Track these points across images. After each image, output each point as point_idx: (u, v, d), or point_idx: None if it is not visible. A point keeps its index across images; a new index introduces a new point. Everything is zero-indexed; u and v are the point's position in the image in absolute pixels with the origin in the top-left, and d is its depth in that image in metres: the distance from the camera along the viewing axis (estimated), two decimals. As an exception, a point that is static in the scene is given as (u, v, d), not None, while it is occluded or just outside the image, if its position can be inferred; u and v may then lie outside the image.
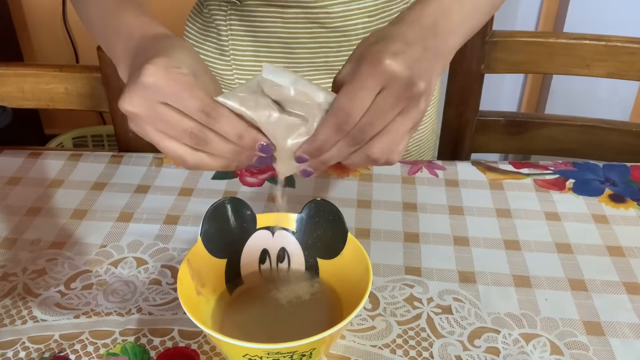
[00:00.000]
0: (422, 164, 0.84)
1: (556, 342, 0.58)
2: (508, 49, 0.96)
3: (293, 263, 0.61)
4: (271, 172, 0.82)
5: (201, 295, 0.56)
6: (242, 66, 0.86)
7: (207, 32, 0.87)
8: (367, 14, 0.82)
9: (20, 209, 0.75)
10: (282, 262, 0.61)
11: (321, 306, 0.57)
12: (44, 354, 0.57)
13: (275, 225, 0.60)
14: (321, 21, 0.81)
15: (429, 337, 0.58)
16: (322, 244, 0.59)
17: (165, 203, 0.76)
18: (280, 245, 0.61)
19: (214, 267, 0.58)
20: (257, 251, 0.61)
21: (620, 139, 0.99)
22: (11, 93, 0.93)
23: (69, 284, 0.64)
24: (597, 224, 0.74)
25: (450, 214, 0.75)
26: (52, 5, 2.07)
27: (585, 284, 0.65)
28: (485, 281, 0.65)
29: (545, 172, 0.82)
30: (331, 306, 0.57)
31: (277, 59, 0.84)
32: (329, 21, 0.81)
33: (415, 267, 0.67)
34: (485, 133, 1.03)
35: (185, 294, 0.53)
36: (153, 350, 0.57)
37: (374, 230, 0.72)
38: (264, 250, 0.61)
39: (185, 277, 0.54)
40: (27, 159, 0.85)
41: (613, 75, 0.96)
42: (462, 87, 1.00)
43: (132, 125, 0.46)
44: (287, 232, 0.60)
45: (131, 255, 0.68)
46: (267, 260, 0.61)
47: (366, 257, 0.55)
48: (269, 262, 0.61)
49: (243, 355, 0.49)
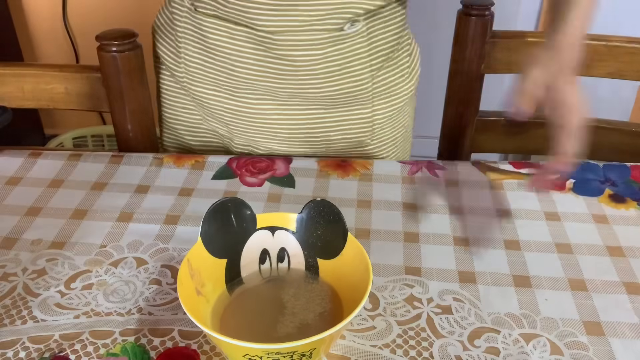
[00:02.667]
0: (422, 164, 0.84)
1: (556, 342, 0.58)
2: (508, 49, 0.96)
3: (293, 263, 0.61)
4: (271, 172, 0.82)
5: (201, 295, 0.56)
6: (191, 71, 0.87)
7: (170, 26, 0.88)
8: (315, 46, 0.78)
9: (20, 209, 0.75)
10: (282, 262, 0.61)
11: (321, 306, 0.57)
12: (44, 354, 0.57)
13: (275, 225, 0.60)
14: (267, 46, 0.79)
15: (429, 337, 0.58)
16: (322, 244, 0.59)
17: (165, 203, 0.76)
18: (280, 245, 0.61)
19: (214, 267, 0.58)
20: (257, 251, 0.61)
21: (620, 139, 1.00)
22: (11, 93, 0.93)
23: (69, 284, 0.64)
24: (597, 224, 0.74)
25: (450, 214, 0.75)
26: (52, 5, 2.07)
27: (585, 284, 0.65)
28: (485, 281, 0.65)
29: (545, 172, 0.82)
30: (331, 306, 0.57)
31: (221, 73, 0.84)
32: (275, 47, 0.78)
33: (415, 267, 0.67)
34: (485, 133, 1.03)
35: (186, 294, 0.53)
36: (153, 350, 0.57)
37: (374, 230, 0.72)
38: (264, 250, 0.61)
39: (185, 277, 0.54)
40: (27, 159, 0.85)
41: (613, 75, 0.96)
42: (462, 87, 1.00)
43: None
44: (287, 232, 0.60)
45: (131, 255, 0.68)
46: (267, 260, 0.61)
47: (366, 257, 0.55)
48: (269, 262, 0.61)
49: (243, 355, 0.49)
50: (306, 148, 0.89)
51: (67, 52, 2.15)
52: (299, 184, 0.80)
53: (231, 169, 0.82)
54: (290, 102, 0.84)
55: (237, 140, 0.90)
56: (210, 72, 0.85)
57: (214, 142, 0.94)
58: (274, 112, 0.85)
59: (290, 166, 0.83)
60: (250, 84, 0.83)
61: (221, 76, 0.84)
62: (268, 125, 0.87)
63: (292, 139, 0.88)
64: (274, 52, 0.79)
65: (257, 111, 0.86)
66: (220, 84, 0.85)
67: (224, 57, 0.82)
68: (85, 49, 2.16)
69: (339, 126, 0.88)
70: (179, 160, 0.84)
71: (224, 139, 0.92)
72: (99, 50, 0.89)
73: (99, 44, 0.89)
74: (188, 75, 0.87)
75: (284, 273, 0.61)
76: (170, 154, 0.87)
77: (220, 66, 0.83)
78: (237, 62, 0.81)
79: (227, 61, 0.82)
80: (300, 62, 0.79)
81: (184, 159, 0.85)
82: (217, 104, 0.87)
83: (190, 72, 0.87)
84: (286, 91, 0.82)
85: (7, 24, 2.05)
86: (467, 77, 0.99)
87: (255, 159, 0.84)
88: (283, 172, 0.82)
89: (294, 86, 0.81)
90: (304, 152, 0.90)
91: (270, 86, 0.82)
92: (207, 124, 0.91)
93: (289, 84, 0.81)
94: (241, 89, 0.84)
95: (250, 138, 0.89)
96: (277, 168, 0.83)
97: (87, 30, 2.07)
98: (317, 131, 0.88)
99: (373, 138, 0.90)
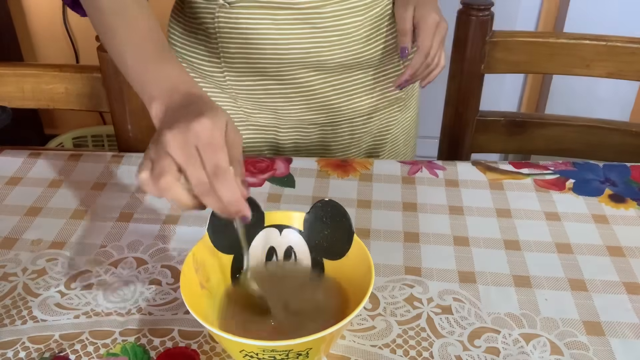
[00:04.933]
0: (422, 164, 0.84)
1: (556, 342, 0.58)
2: (508, 49, 0.96)
3: (299, 262, 0.61)
4: (272, 172, 0.82)
5: (205, 289, 0.56)
6: (234, 68, 0.86)
7: (194, 34, 0.87)
8: (358, 12, 0.83)
9: (20, 209, 0.75)
10: (289, 260, 0.61)
11: (325, 306, 0.57)
12: (44, 354, 0.56)
13: (283, 224, 0.61)
14: (313, 22, 0.81)
15: (429, 337, 0.58)
16: (329, 245, 0.60)
17: (165, 203, 0.76)
18: (288, 243, 0.61)
19: (220, 262, 0.59)
20: (264, 248, 0.61)
21: (620, 139, 1.00)
22: (11, 93, 0.93)
23: (69, 284, 0.64)
24: (597, 224, 0.73)
25: (450, 214, 0.75)
26: (52, 5, 2.07)
27: (585, 284, 0.65)
28: (485, 281, 0.65)
29: (545, 172, 0.82)
30: (335, 307, 0.57)
31: (269, 60, 0.84)
32: (321, 21, 0.81)
33: (415, 267, 0.67)
34: (485, 133, 1.03)
35: (188, 287, 0.53)
36: (153, 350, 0.57)
37: (374, 230, 0.72)
38: (271, 247, 0.61)
39: (189, 270, 0.55)
40: (27, 159, 0.85)
41: (613, 75, 0.96)
42: (462, 87, 1.00)
43: (154, 148, 0.52)
44: (294, 230, 0.61)
45: (131, 255, 0.68)
46: (273, 258, 0.61)
47: (369, 258, 0.55)
48: (275, 259, 0.61)
49: (240, 351, 0.49)
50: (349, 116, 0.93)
51: (67, 52, 2.15)
52: (299, 184, 0.80)
53: (231, 169, 0.82)
54: (337, 71, 0.87)
55: (284, 126, 0.92)
56: (256, 64, 0.85)
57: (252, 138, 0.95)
58: (322, 84, 0.88)
59: (291, 166, 0.83)
60: (299, 64, 0.85)
61: (268, 64, 0.85)
62: (316, 99, 0.89)
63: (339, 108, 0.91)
64: (321, 27, 0.82)
65: (306, 88, 0.88)
66: (267, 72, 0.86)
67: (271, 44, 0.83)
68: (85, 49, 2.16)
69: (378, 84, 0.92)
70: (179, 160, 0.84)
71: (268, 131, 0.93)
72: (99, 50, 0.89)
73: (99, 44, 0.89)
74: (230, 74, 0.87)
75: (290, 271, 0.61)
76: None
77: (267, 54, 0.84)
78: (285, 46, 0.83)
79: (274, 47, 0.83)
80: (347, 29, 0.83)
81: (184, 159, 0.85)
82: (264, 94, 0.88)
83: (234, 69, 0.87)
84: (335, 61, 0.86)
85: (7, 24, 2.05)
86: (467, 77, 0.99)
87: (255, 159, 0.84)
88: (283, 172, 0.82)
89: (342, 54, 0.85)
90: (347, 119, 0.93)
91: (319, 60, 0.85)
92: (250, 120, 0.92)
93: (337, 53, 0.85)
94: (289, 71, 0.86)
95: (298, 118, 0.91)
96: (277, 168, 0.83)
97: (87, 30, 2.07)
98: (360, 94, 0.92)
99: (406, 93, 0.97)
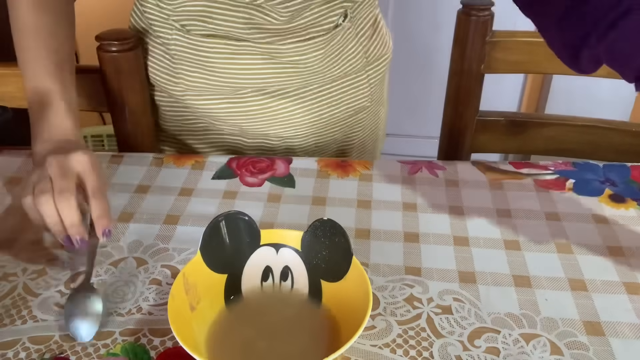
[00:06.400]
0: (422, 164, 0.84)
1: (556, 342, 0.58)
2: (508, 49, 0.96)
3: (296, 283, 0.59)
4: (271, 172, 0.82)
5: (195, 310, 0.54)
6: (192, 87, 0.87)
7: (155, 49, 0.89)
8: (318, 46, 0.83)
9: (20, 209, 0.75)
10: (286, 280, 0.59)
11: (320, 330, 0.55)
12: (44, 354, 0.56)
13: (279, 243, 0.58)
14: (272, 54, 0.81)
15: (429, 337, 0.58)
16: (327, 266, 0.57)
17: (165, 203, 0.76)
18: (284, 263, 0.59)
19: (213, 282, 0.57)
20: (259, 268, 0.59)
21: (620, 139, 0.99)
22: (11, 93, 0.93)
23: (69, 284, 0.64)
24: (597, 224, 0.73)
25: (450, 214, 0.75)
26: (52, 5, 2.07)
27: (585, 284, 0.65)
28: (485, 281, 0.65)
29: (545, 172, 0.82)
30: (330, 331, 0.55)
31: (227, 87, 0.85)
32: (281, 55, 0.82)
33: (415, 267, 0.67)
34: (485, 133, 1.03)
35: (176, 309, 0.51)
36: (153, 350, 0.57)
37: (374, 230, 0.72)
38: (267, 267, 0.59)
39: (179, 291, 0.53)
40: (27, 159, 0.85)
41: (613, 75, 0.96)
42: (462, 87, 1.00)
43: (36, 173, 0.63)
44: (291, 249, 0.58)
45: (131, 256, 0.68)
46: (269, 278, 0.59)
47: (367, 282, 0.53)
48: (271, 279, 0.59)
49: None
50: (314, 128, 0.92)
51: (67, 52, 2.15)
52: (299, 184, 0.80)
53: (231, 169, 0.82)
54: (297, 93, 0.87)
55: (249, 137, 0.92)
56: (215, 88, 0.86)
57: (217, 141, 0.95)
58: (284, 105, 0.88)
59: (290, 166, 0.83)
60: (258, 91, 0.85)
61: (227, 90, 0.85)
62: (279, 117, 0.89)
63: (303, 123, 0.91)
64: (281, 60, 0.82)
65: (268, 109, 0.88)
66: (227, 96, 0.87)
67: (229, 74, 0.83)
68: (85, 49, 2.16)
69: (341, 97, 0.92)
70: (179, 160, 0.84)
71: (234, 138, 0.93)
72: (99, 50, 0.89)
73: (99, 44, 0.89)
74: (189, 94, 0.88)
75: (286, 293, 0.59)
76: (170, 154, 0.87)
77: (226, 82, 0.84)
78: (244, 76, 0.83)
79: (233, 77, 0.84)
80: (308, 62, 0.83)
81: (184, 159, 0.85)
82: (225, 113, 0.89)
83: (190, 90, 0.87)
84: (293, 87, 0.86)
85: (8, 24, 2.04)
86: (467, 77, 0.99)
87: (255, 159, 0.84)
88: (283, 172, 0.82)
89: (302, 82, 0.86)
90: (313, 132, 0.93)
91: (279, 87, 0.85)
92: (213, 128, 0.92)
93: (297, 82, 0.85)
94: (250, 95, 0.86)
95: (263, 132, 0.91)
96: (277, 168, 0.83)
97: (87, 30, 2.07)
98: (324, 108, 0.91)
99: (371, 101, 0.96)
